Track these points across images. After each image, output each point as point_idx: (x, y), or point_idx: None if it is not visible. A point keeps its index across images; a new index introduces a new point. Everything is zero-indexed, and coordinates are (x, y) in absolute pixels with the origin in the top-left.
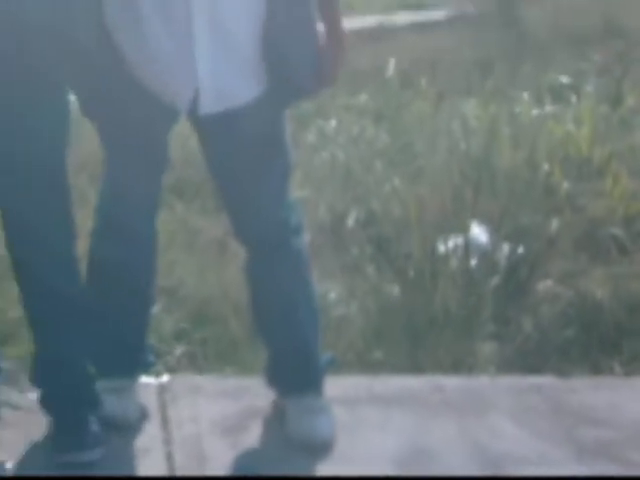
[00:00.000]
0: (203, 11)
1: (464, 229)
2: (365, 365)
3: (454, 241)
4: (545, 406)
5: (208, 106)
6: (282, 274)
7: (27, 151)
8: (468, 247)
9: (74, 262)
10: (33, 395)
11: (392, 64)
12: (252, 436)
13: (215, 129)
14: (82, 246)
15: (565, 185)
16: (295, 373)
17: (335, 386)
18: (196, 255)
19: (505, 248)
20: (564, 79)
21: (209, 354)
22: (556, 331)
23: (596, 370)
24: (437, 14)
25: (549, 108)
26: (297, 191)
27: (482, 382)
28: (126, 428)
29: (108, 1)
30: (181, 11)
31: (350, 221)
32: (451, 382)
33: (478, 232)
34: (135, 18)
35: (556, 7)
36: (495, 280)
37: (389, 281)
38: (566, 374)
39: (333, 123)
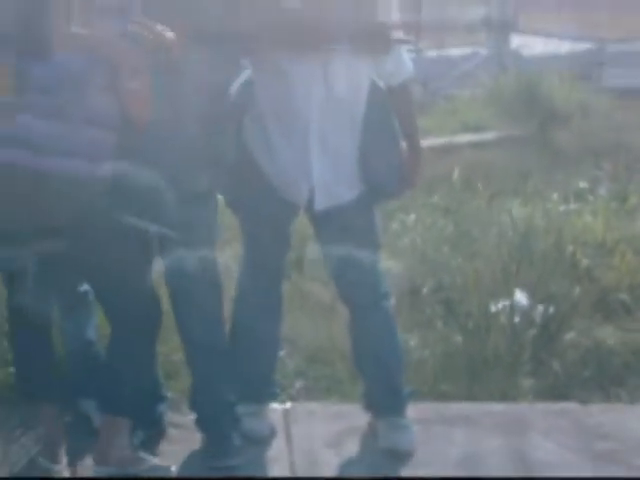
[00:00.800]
0: (316, 131)
1: (510, 294)
2: (435, 395)
3: (502, 303)
4: (569, 425)
5: (320, 203)
6: (375, 328)
7: (188, 237)
8: (513, 308)
9: (221, 322)
10: (191, 417)
11: (456, 172)
12: (353, 448)
13: (325, 220)
14: (227, 309)
15: (585, 262)
16: (385, 400)
17: (414, 410)
18: (311, 314)
19: (540, 309)
20: (584, 184)
21: (321, 387)
22: (578, 370)
23: (608, 398)
24: (490, 135)
25: (573, 205)
26: (385, 266)
27: (522, 408)
28: (260, 442)
29: (246, 128)
30: (300, 132)
31: (425, 289)
32: (499, 408)
33: (520, 297)
34: (266, 138)
35: (579, 131)
36: (532, 332)
37: (454, 333)
38: (585, 402)
39: (412, 217)
